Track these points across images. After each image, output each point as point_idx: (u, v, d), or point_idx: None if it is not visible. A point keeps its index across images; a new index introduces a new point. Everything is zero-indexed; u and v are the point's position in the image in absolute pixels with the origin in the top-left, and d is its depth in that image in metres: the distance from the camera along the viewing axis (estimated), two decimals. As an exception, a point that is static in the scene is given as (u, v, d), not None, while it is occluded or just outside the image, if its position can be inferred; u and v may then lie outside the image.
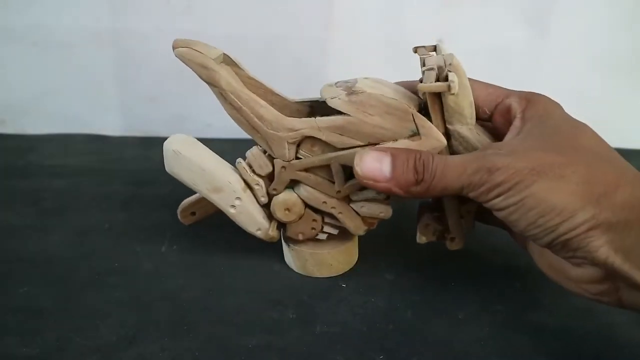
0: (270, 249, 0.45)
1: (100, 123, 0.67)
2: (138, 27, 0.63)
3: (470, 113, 0.38)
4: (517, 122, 0.37)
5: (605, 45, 0.64)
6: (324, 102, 0.40)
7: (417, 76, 0.64)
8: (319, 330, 0.38)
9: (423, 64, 0.39)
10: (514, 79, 0.66)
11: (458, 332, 0.38)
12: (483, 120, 0.39)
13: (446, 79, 0.36)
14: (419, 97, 0.40)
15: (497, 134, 0.39)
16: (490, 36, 0.64)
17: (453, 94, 0.36)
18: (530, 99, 0.38)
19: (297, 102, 0.42)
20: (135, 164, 0.61)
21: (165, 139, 0.66)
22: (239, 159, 0.41)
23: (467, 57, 0.63)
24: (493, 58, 0.64)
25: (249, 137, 0.41)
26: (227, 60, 0.40)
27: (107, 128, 0.68)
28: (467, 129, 0.38)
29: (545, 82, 0.66)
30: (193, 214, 0.44)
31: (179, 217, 0.44)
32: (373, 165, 0.35)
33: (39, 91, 0.66)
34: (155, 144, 0.67)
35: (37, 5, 0.62)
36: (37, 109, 0.67)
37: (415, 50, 0.42)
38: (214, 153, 0.41)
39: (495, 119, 0.39)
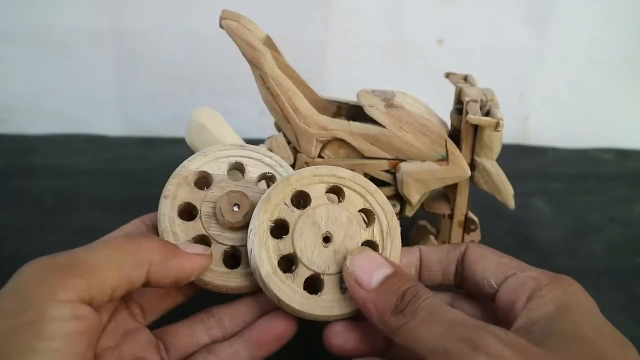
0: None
1: (100, 123, 0.67)
2: (138, 27, 0.63)
3: (498, 150, 0.39)
4: (535, 303, 0.28)
5: (605, 45, 0.64)
6: (353, 106, 0.40)
7: (416, 76, 0.65)
8: (319, 330, 0.38)
9: (460, 93, 0.40)
10: (514, 79, 0.67)
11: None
12: (485, 296, 0.31)
13: (487, 113, 0.37)
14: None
15: (500, 319, 0.30)
16: (490, 36, 0.64)
17: (499, 130, 0.36)
18: (555, 279, 0.29)
19: (325, 99, 0.42)
20: (135, 164, 0.61)
21: (164, 139, 0.66)
22: (261, 145, 0.40)
23: (467, 57, 0.64)
24: (493, 58, 0.64)
25: (247, 138, 0.41)
26: (268, 43, 0.39)
27: (107, 128, 0.68)
28: (492, 164, 0.39)
29: (545, 82, 0.66)
30: None
31: None
32: (367, 266, 0.30)
33: (39, 91, 0.66)
34: (154, 144, 0.67)
35: (37, 5, 0.62)
36: (37, 109, 0.67)
37: (447, 75, 0.43)
38: (236, 133, 0.40)
39: (501, 297, 0.30)
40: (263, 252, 0.31)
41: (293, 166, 0.40)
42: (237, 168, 0.35)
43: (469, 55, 0.63)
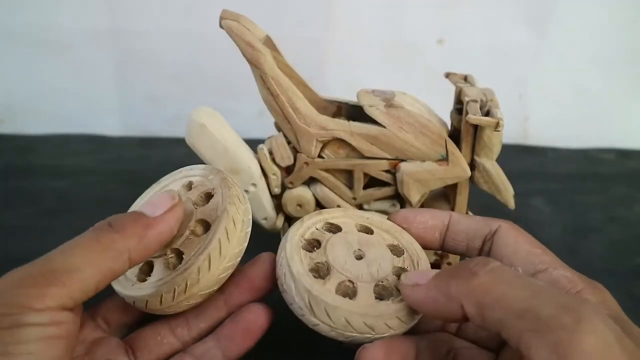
0: (270, 249, 0.45)
1: (100, 123, 0.67)
2: (138, 27, 0.63)
3: (498, 150, 0.39)
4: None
5: (605, 45, 0.64)
6: (353, 106, 0.40)
7: (416, 76, 0.65)
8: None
9: (460, 93, 0.40)
10: (514, 79, 0.67)
11: (458, 332, 0.38)
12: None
13: (487, 113, 0.37)
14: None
15: None
16: (490, 36, 0.64)
17: (499, 130, 0.36)
18: (591, 285, 0.28)
19: (325, 99, 0.42)
20: (135, 164, 0.61)
21: (164, 139, 0.66)
22: (261, 145, 0.41)
23: (467, 57, 0.64)
24: (493, 58, 0.64)
25: (247, 138, 0.41)
26: (268, 44, 0.39)
27: (107, 128, 0.68)
28: (491, 164, 0.39)
29: (545, 82, 0.66)
30: None
31: None
32: (421, 274, 0.28)
33: (39, 91, 0.66)
34: (154, 144, 0.67)
35: (36, 5, 0.62)
36: (37, 109, 0.67)
37: (447, 75, 0.43)
38: (236, 133, 0.41)
39: None
40: (295, 255, 0.31)
41: (291, 167, 0.40)
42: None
43: (469, 55, 0.63)
